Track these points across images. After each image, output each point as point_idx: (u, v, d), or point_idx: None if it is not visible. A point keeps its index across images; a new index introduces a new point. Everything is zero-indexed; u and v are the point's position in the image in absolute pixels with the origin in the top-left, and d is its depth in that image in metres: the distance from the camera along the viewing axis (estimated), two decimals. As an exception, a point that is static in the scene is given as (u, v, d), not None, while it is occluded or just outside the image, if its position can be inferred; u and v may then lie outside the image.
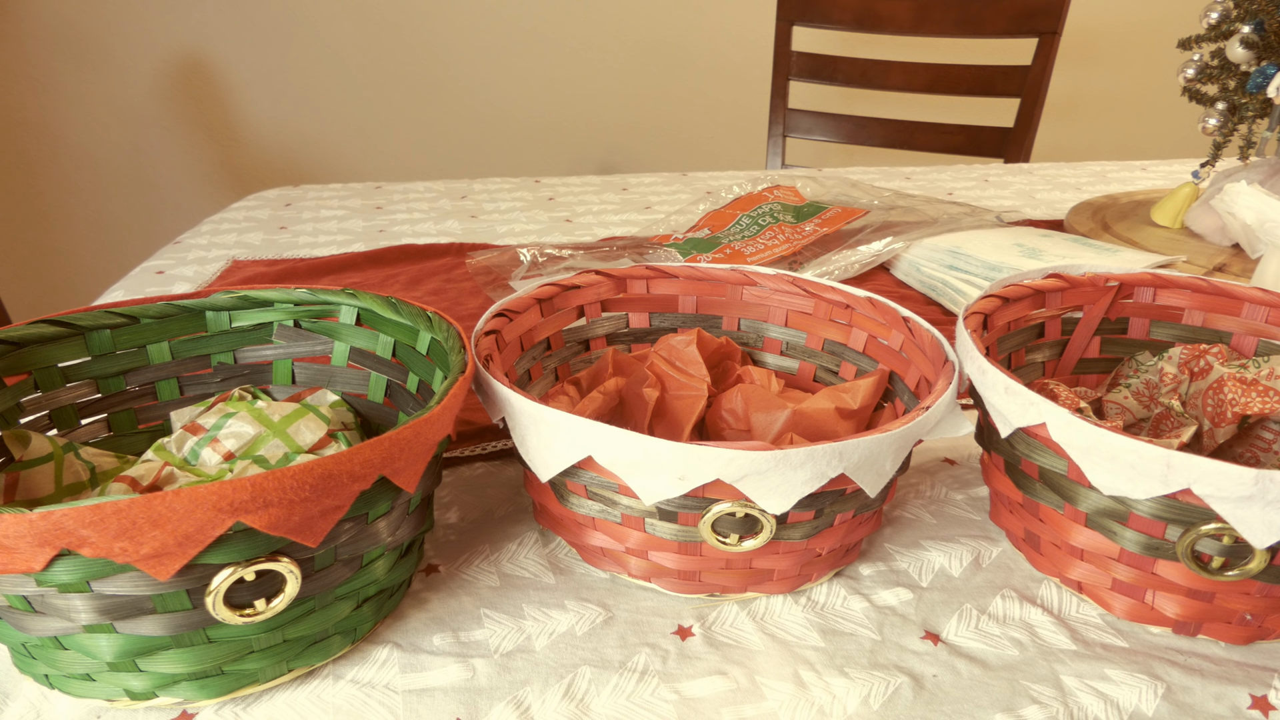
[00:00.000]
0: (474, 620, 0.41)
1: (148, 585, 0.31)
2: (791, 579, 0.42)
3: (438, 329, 0.44)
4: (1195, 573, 0.37)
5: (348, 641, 0.38)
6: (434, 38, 1.95)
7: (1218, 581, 0.37)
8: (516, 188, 1.21)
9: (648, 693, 0.37)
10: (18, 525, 0.28)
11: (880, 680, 0.37)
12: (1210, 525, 0.35)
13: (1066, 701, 0.36)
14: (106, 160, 1.92)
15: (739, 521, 0.38)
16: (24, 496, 0.41)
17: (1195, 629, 0.40)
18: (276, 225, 1.03)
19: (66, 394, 0.46)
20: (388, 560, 0.38)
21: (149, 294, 0.80)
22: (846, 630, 0.40)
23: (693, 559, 0.40)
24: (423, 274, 0.85)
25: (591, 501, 0.41)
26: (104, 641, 0.32)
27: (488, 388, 0.41)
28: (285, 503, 0.31)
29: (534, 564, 0.45)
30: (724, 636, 0.40)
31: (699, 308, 0.57)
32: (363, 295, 0.48)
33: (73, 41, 1.82)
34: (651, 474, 0.36)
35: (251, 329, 0.50)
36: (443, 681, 0.37)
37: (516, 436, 0.41)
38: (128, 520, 0.28)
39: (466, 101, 2.02)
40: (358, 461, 0.32)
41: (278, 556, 0.33)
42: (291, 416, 0.45)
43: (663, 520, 0.39)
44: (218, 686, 0.35)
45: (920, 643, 0.40)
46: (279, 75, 1.92)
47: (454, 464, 0.54)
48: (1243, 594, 0.38)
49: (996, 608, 0.42)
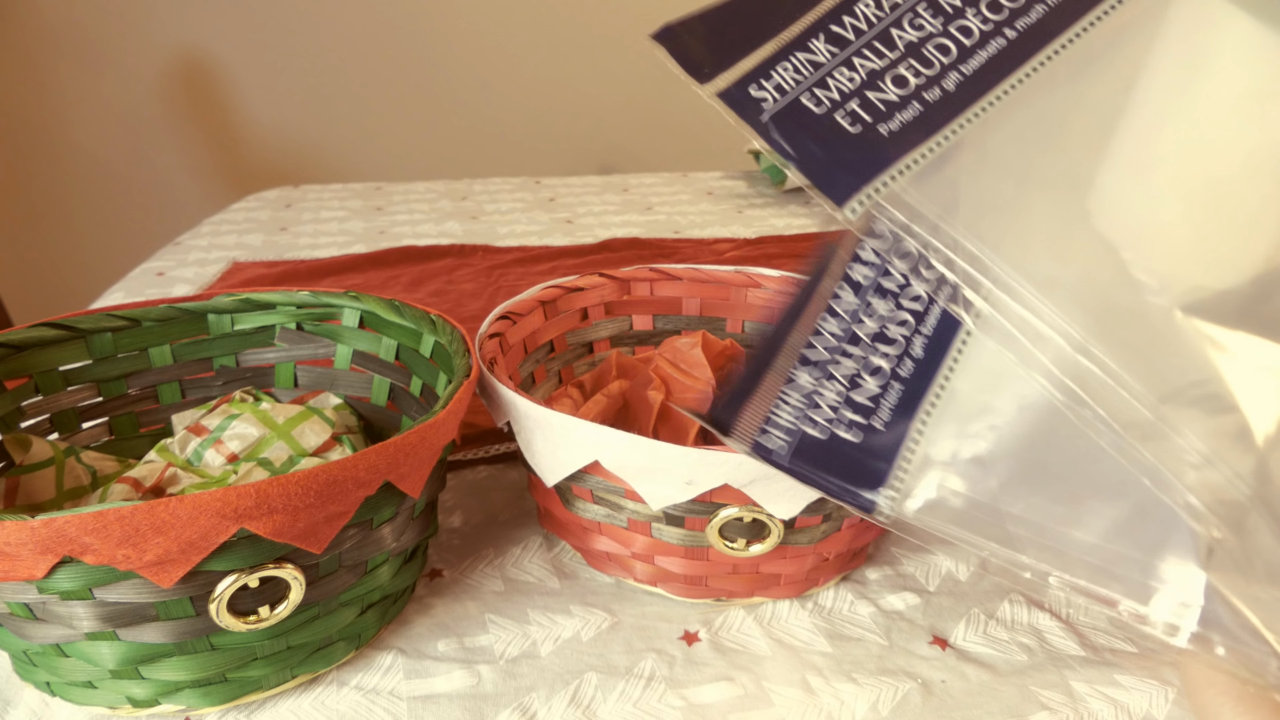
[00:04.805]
0: (479, 626, 0.40)
1: (151, 592, 0.31)
2: (798, 584, 0.42)
3: (441, 332, 0.43)
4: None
5: (352, 648, 0.38)
6: (434, 38, 1.95)
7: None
8: (517, 188, 1.21)
9: (654, 699, 0.36)
10: (19, 532, 0.27)
11: (889, 686, 0.37)
12: None
13: (1076, 707, 0.36)
14: (107, 160, 1.92)
15: (746, 526, 0.38)
16: (25, 501, 0.41)
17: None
18: (277, 226, 1.03)
19: (67, 397, 0.45)
20: (392, 566, 0.38)
21: (149, 295, 0.80)
22: (854, 635, 0.40)
23: (699, 564, 0.40)
24: (424, 275, 0.84)
25: (597, 506, 0.40)
26: (106, 649, 0.32)
27: (493, 391, 0.41)
28: (289, 509, 0.30)
29: (539, 569, 0.44)
30: (731, 642, 0.40)
31: (703, 310, 0.57)
32: (365, 298, 0.47)
33: (73, 42, 1.81)
34: (658, 478, 0.36)
35: (254, 332, 0.49)
36: (448, 688, 0.37)
37: (522, 441, 0.40)
38: (131, 527, 0.28)
39: (466, 101, 2.01)
40: (363, 467, 0.32)
41: (282, 563, 0.32)
42: (296, 419, 0.45)
43: (669, 525, 0.39)
44: (221, 694, 0.35)
45: (928, 648, 0.39)
46: (279, 75, 1.92)
47: (457, 467, 0.54)
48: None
49: (1004, 612, 0.42)
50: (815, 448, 0.33)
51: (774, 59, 0.33)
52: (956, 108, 0.33)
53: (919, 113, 0.33)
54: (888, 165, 0.32)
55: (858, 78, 0.33)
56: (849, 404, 0.33)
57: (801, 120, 0.33)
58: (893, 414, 0.33)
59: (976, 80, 0.33)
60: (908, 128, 0.33)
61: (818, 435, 0.33)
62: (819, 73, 0.33)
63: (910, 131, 0.33)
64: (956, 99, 0.33)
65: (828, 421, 0.33)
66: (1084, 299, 0.31)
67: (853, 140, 0.32)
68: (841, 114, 0.33)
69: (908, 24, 0.34)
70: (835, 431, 0.33)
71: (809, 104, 0.33)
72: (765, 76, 0.33)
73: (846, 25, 0.34)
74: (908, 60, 0.33)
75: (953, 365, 0.33)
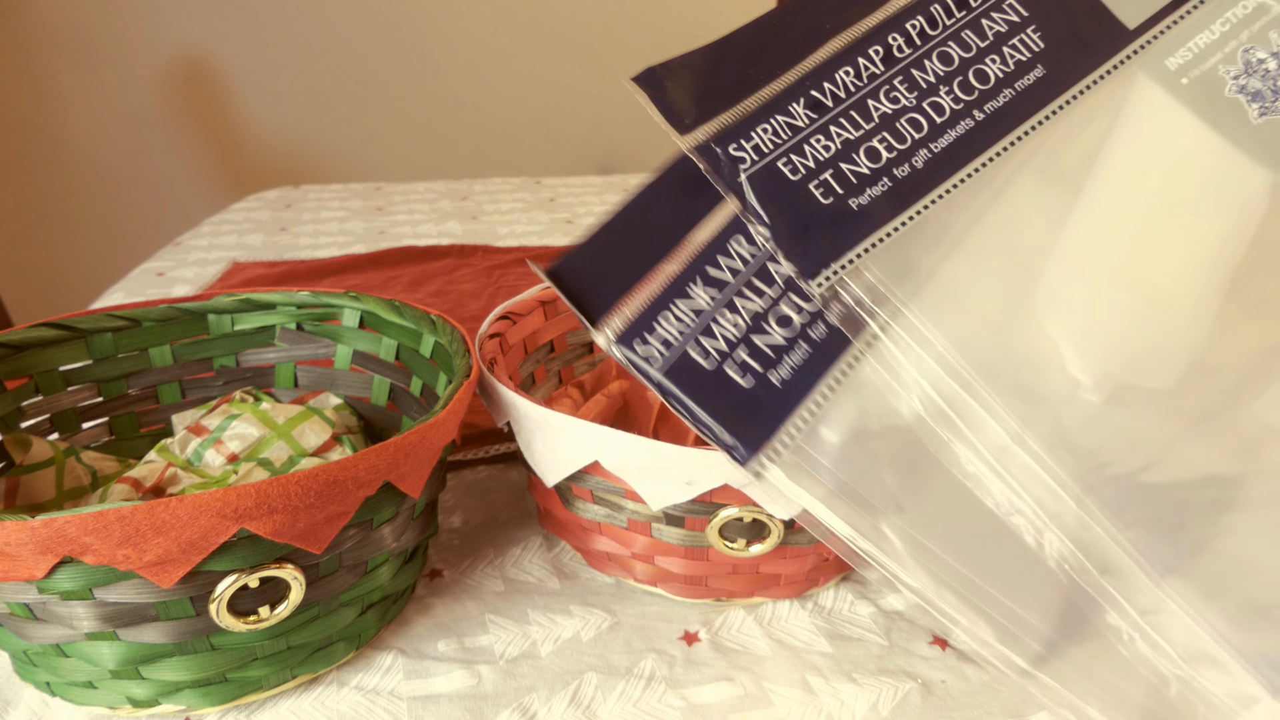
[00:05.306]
0: (479, 626, 0.40)
1: (151, 592, 0.31)
2: (799, 584, 0.42)
3: (441, 332, 0.43)
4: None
5: (352, 648, 0.38)
6: (434, 38, 1.95)
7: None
8: (517, 188, 1.21)
9: (654, 699, 0.36)
10: (19, 533, 0.27)
11: (889, 686, 0.37)
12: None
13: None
14: (107, 161, 1.92)
15: (746, 526, 0.38)
16: (25, 501, 0.41)
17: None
18: (277, 226, 1.03)
19: (68, 398, 0.45)
20: (392, 566, 0.38)
21: (149, 295, 0.80)
22: (854, 635, 0.40)
23: (699, 564, 0.40)
24: (424, 275, 0.84)
25: (597, 506, 0.40)
26: (106, 649, 0.32)
27: (493, 392, 0.41)
28: (290, 509, 0.30)
29: (539, 569, 0.44)
30: (731, 642, 0.40)
31: (703, 310, 0.57)
32: (366, 298, 0.47)
33: (73, 42, 1.81)
34: (658, 478, 0.36)
35: (254, 332, 0.49)
36: (448, 688, 0.37)
37: (522, 441, 0.40)
38: (131, 527, 0.28)
39: (466, 101, 2.01)
40: (363, 467, 0.32)
41: (282, 563, 0.32)
42: (296, 419, 0.45)
43: (669, 525, 0.39)
44: (221, 694, 0.35)
45: (929, 648, 0.39)
46: (279, 75, 1.92)
47: (457, 467, 0.54)
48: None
49: (1005, 612, 0.42)
50: (696, 375, 0.32)
51: (754, 118, 0.34)
52: (924, 187, 0.34)
53: (887, 188, 0.33)
54: (856, 243, 0.33)
55: (833, 147, 0.34)
56: (747, 345, 0.33)
57: (777, 186, 0.33)
58: (794, 374, 0.33)
59: (944, 160, 0.34)
60: (876, 203, 0.33)
61: (702, 363, 0.33)
62: (796, 138, 0.33)
63: (878, 208, 0.33)
64: (924, 177, 0.34)
65: (718, 354, 0.33)
66: (1021, 390, 0.32)
67: (823, 212, 0.33)
68: (815, 184, 0.33)
69: (884, 96, 0.34)
70: (724, 368, 0.32)
71: (785, 170, 0.33)
72: (745, 136, 0.33)
73: (826, 92, 0.34)
74: (881, 133, 0.34)
75: (864, 351, 0.33)
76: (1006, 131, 0.35)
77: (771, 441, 0.32)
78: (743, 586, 0.41)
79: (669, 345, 0.33)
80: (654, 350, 0.33)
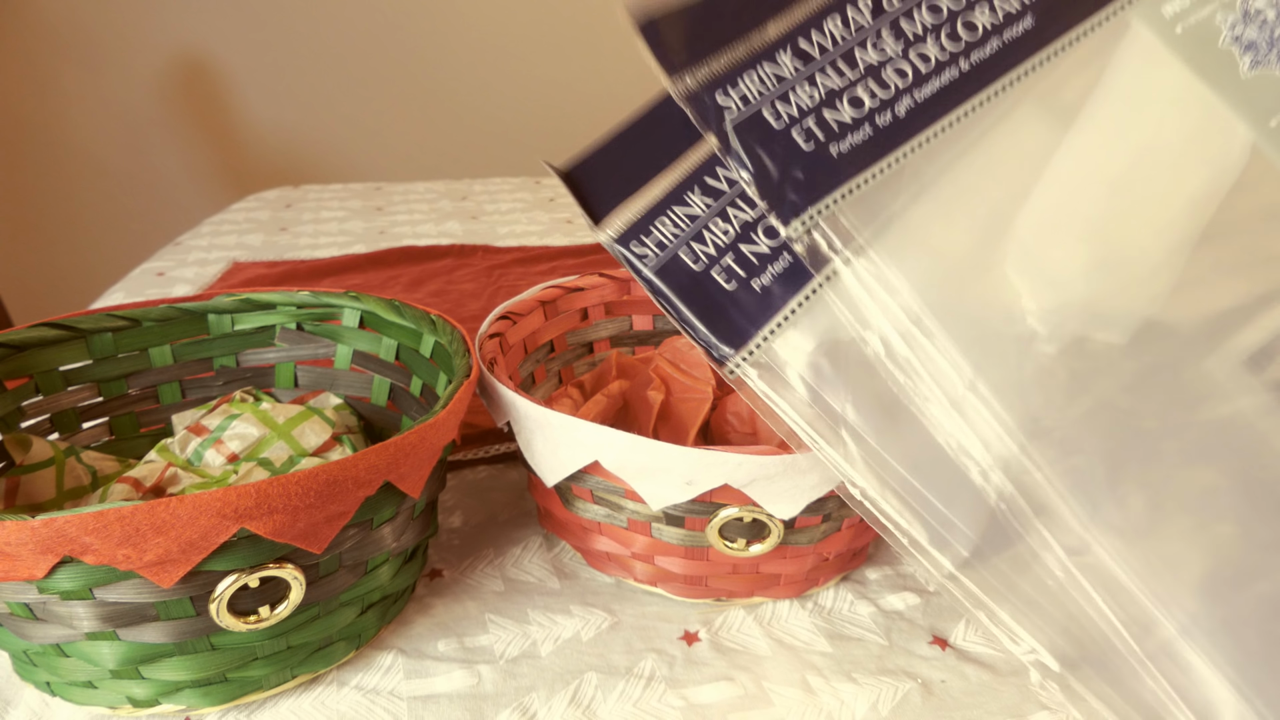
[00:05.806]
0: (479, 626, 0.40)
1: (151, 592, 0.31)
2: (798, 584, 0.42)
3: (441, 332, 0.43)
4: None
5: (352, 648, 0.38)
6: (434, 38, 1.95)
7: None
8: (517, 189, 1.21)
9: (654, 699, 0.36)
10: (19, 532, 0.27)
11: (889, 686, 0.37)
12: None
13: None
14: (106, 160, 1.92)
15: (746, 526, 0.38)
16: (25, 501, 0.41)
17: None
18: (277, 226, 1.03)
19: (68, 397, 0.45)
20: (392, 566, 0.38)
21: (149, 295, 0.80)
22: (854, 635, 0.40)
23: (699, 564, 0.40)
24: (424, 275, 0.84)
25: (597, 506, 0.40)
26: (106, 649, 0.32)
27: (493, 392, 0.41)
28: (290, 509, 0.30)
29: (539, 569, 0.44)
30: (731, 642, 0.40)
31: (703, 310, 0.57)
32: (366, 298, 0.47)
33: (73, 41, 1.81)
34: (659, 479, 0.36)
35: (254, 332, 0.49)
36: (448, 688, 0.37)
37: (522, 441, 0.40)
38: (131, 527, 0.28)
39: (466, 101, 2.01)
40: (363, 467, 0.32)
41: (282, 563, 0.32)
42: (296, 419, 0.45)
43: (669, 525, 0.39)
44: (221, 694, 0.35)
45: (928, 648, 0.39)
46: (279, 75, 1.92)
47: (456, 467, 0.54)
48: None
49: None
50: (685, 275, 0.35)
51: (743, 66, 0.34)
52: (904, 135, 0.34)
53: (868, 136, 0.34)
54: (833, 189, 0.33)
55: (817, 95, 0.34)
56: (734, 252, 0.35)
57: (761, 134, 0.34)
58: (775, 282, 0.34)
59: (927, 108, 0.34)
60: (857, 150, 0.34)
61: (692, 265, 0.35)
62: (782, 86, 0.34)
63: (859, 155, 0.34)
64: (906, 125, 0.34)
65: (707, 257, 0.35)
66: (978, 337, 0.33)
67: (803, 158, 0.33)
68: (797, 130, 0.34)
69: (870, 45, 0.35)
70: (711, 271, 0.34)
71: (769, 118, 0.34)
72: (732, 84, 0.34)
73: (814, 42, 0.34)
74: (866, 81, 0.34)
75: (823, 284, 0.34)
76: (992, 80, 0.35)
77: (748, 343, 0.34)
78: (743, 586, 0.41)
79: (663, 247, 0.35)
80: (649, 250, 0.35)
